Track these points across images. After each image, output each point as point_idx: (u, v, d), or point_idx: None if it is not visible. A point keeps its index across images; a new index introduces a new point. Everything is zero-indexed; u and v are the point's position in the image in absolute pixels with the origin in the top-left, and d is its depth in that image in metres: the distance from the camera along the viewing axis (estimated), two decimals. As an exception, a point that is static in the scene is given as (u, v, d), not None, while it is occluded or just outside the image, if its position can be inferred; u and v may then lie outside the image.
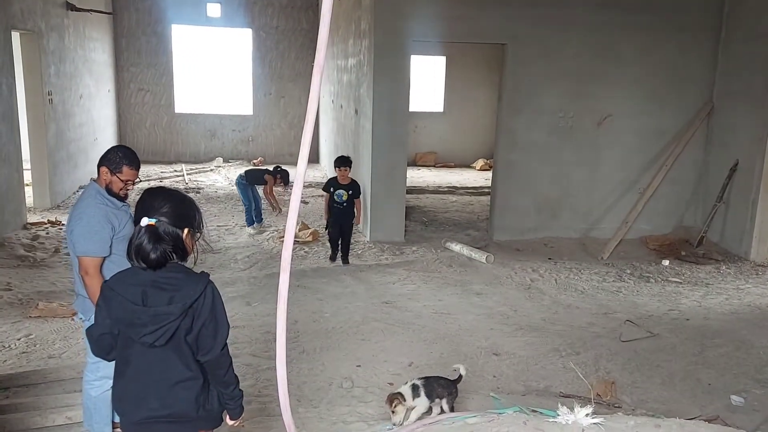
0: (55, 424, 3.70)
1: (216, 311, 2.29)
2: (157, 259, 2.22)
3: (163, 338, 2.21)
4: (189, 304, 2.21)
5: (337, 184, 7.04)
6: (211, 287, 2.29)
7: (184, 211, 2.33)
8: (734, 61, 8.21)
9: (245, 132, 14.89)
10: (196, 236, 2.39)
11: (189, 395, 2.29)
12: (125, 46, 13.92)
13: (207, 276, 2.32)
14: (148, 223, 2.23)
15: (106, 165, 3.24)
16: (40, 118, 9.07)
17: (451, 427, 2.84)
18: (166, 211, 2.27)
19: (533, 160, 8.30)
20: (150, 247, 2.21)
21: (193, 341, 2.28)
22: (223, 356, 2.33)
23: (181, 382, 2.28)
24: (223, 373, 2.35)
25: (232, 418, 2.48)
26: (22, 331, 5.12)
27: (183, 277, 2.27)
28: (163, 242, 2.23)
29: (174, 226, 2.27)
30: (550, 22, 8.02)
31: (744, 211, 7.92)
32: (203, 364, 2.32)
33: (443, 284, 6.72)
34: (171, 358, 2.27)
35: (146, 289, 2.23)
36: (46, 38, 9.19)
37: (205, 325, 2.27)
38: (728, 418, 3.98)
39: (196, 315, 2.24)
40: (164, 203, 2.28)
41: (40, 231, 8.05)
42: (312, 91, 2.11)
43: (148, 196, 2.33)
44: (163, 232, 2.24)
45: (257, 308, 5.80)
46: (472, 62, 14.88)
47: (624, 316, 5.96)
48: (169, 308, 2.19)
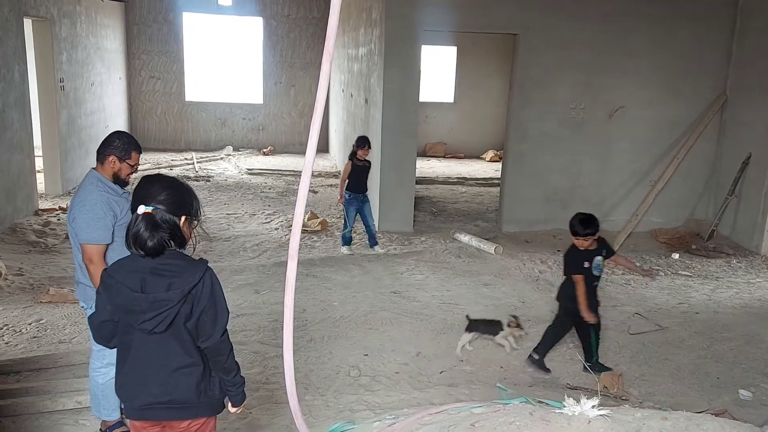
0: (65, 408, 3.75)
1: (215, 297, 2.29)
2: (154, 246, 2.23)
3: (163, 324, 2.22)
4: (188, 291, 2.22)
5: None
6: (209, 273, 2.29)
7: (181, 199, 2.33)
8: (749, 52, 8.10)
9: (255, 120, 14.90)
10: (194, 224, 2.39)
11: (189, 381, 2.31)
12: (137, 33, 13.94)
13: (205, 262, 2.32)
14: (145, 211, 2.23)
15: (113, 153, 3.26)
16: (52, 105, 9.11)
17: (458, 417, 2.85)
18: (163, 198, 2.27)
19: (544, 152, 8.25)
20: (147, 234, 2.21)
21: (193, 327, 2.29)
22: (223, 342, 2.34)
23: (182, 368, 2.30)
24: (223, 359, 2.35)
25: (234, 405, 2.48)
26: (33, 316, 5.18)
27: (182, 264, 2.28)
28: (161, 230, 2.24)
29: (171, 213, 2.27)
30: (563, 12, 7.95)
31: (756, 204, 7.85)
32: (204, 351, 2.33)
33: (451, 275, 6.71)
34: (171, 344, 2.28)
35: (145, 276, 2.24)
36: (59, 25, 9.21)
37: (204, 311, 2.27)
38: (736, 413, 3.97)
39: (195, 301, 2.25)
40: (161, 191, 2.28)
41: (51, 217, 8.12)
42: (321, 80, 2.10)
43: (146, 184, 2.32)
44: (160, 220, 2.24)
45: (266, 296, 5.82)
46: (483, 52, 14.78)
47: (633, 309, 5.94)
48: (167, 294, 2.20)
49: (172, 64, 14.27)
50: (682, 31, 8.19)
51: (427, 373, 4.51)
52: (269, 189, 10.68)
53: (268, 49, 14.51)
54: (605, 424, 2.33)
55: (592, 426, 2.32)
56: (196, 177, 11.31)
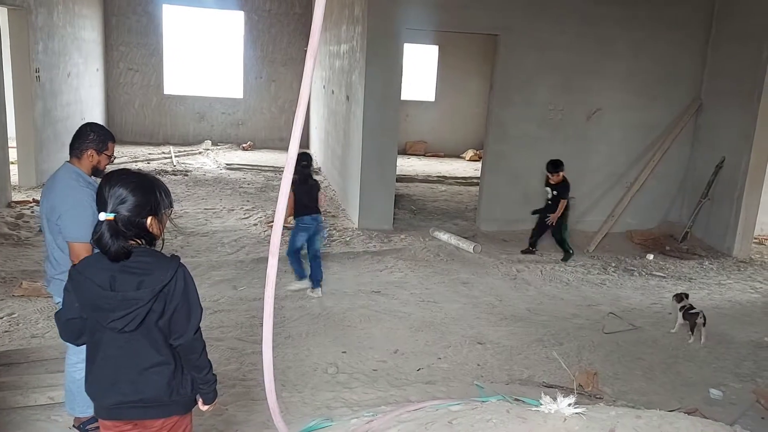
0: (37, 403, 3.69)
1: (188, 295, 2.24)
2: (116, 252, 2.16)
3: (133, 324, 2.17)
4: (159, 289, 2.16)
5: (548, 182, 7.43)
6: (182, 270, 2.23)
7: (144, 200, 2.22)
8: (723, 58, 8.25)
9: (235, 115, 14.78)
10: (163, 217, 2.31)
11: (160, 380, 2.26)
12: (115, 24, 13.73)
13: (178, 259, 2.26)
14: (106, 218, 2.16)
15: (92, 147, 3.22)
16: (27, 96, 8.93)
17: (435, 414, 2.87)
18: (125, 203, 2.18)
19: (522, 152, 8.32)
20: (109, 241, 2.15)
21: (165, 326, 2.23)
22: (196, 340, 2.29)
23: (153, 367, 2.25)
24: (196, 357, 2.31)
25: (206, 402, 2.43)
26: (5, 310, 5.09)
27: (152, 261, 2.21)
28: (123, 236, 2.17)
29: (136, 216, 2.19)
30: (544, 15, 8.02)
31: (728, 207, 8.01)
32: (176, 349, 2.28)
33: (430, 273, 6.74)
34: (141, 343, 2.23)
35: (115, 273, 2.17)
36: (35, 14, 9.04)
37: (177, 309, 2.22)
38: (707, 411, 4.04)
39: (167, 300, 2.20)
40: (123, 194, 2.19)
41: (24, 210, 7.97)
42: (305, 77, 2.10)
43: (106, 185, 2.20)
44: (123, 227, 2.17)
45: (243, 292, 5.79)
46: (465, 52, 14.85)
47: (607, 309, 6.03)
48: (137, 293, 2.15)
49: (151, 57, 14.08)
50: (660, 36, 8.32)
51: (404, 371, 4.53)
52: (248, 184, 10.61)
53: (249, 44, 14.40)
54: (581, 421, 2.36)
55: (567, 424, 2.35)
56: (173, 171, 11.19)
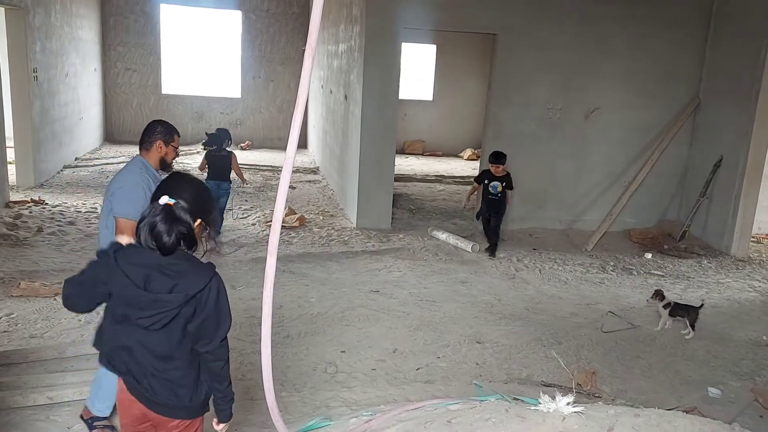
0: (36, 403, 3.68)
1: (220, 305, 2.24)
2: (171, 242, 2.16)
3: (159, 324, 2.18)
4: (192, 295, 2.17)
5: (492, 176, 7.30)
6: (216, 279, 2.24)
7: (202, 203, 2.30)
8: (721, 58, 8.26)
9: (233, 115, 14.77)
10: (204, 233, 2.34)
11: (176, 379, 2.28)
12: (113, 24, 13.71)
13: (213, 268, 2.26)
14: (167, 202, 2.19)
15: (159, 138, 3.47)
16: (25, 95, 8.92)
17: (434, 413, 2.87)
18: (187, 195, 2.24)
19: (520, 151, 8.32)
20: (164, 228, 2.15)
21: (194, 331, 2.24)
22: (221, 348, 2.29)
23: (165, 361, 2.26)
24: (220, 365, 2.30)
25: (221, 421, 2.40)
26: (4, 310, 5.07)
27: (188, 266, 2.22)
28: (178, 224, 2.18)
29: (190, 212, 2.22)
30: (542, 14, 8.02)
31: (727, 206, 8.02)
32: (201, 355, 2.28)
33: (429, 272, 6.74)
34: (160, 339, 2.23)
35: (150, 272, 2.17)
36: (32, 14, 9.02)
37: (208, 318, 2.23)
38: (705, 410, 4.05)
39: (199, 307, 2.20)
40: (188, 188, 2.28)
41: (23, 210, 7.96)
42: (303, 76, 2.09)
43: (174, 177, 2.36)
44: (178, 215, 2.19)
45: (242, 292, 5.78)
46: (463, 52, 14.85)
47: (606, 308, 6.03)
48: (169, 296, 2.15)
49: (149, 56, 14.07)
50: (659, 35, 8.32)
51: (403, 370, 4.53)
52: (246, 184, 10.60)
53: (247, 44, 14.39)
54: (579, 420, 2.36)
55: (566, 422, 2.35)
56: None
